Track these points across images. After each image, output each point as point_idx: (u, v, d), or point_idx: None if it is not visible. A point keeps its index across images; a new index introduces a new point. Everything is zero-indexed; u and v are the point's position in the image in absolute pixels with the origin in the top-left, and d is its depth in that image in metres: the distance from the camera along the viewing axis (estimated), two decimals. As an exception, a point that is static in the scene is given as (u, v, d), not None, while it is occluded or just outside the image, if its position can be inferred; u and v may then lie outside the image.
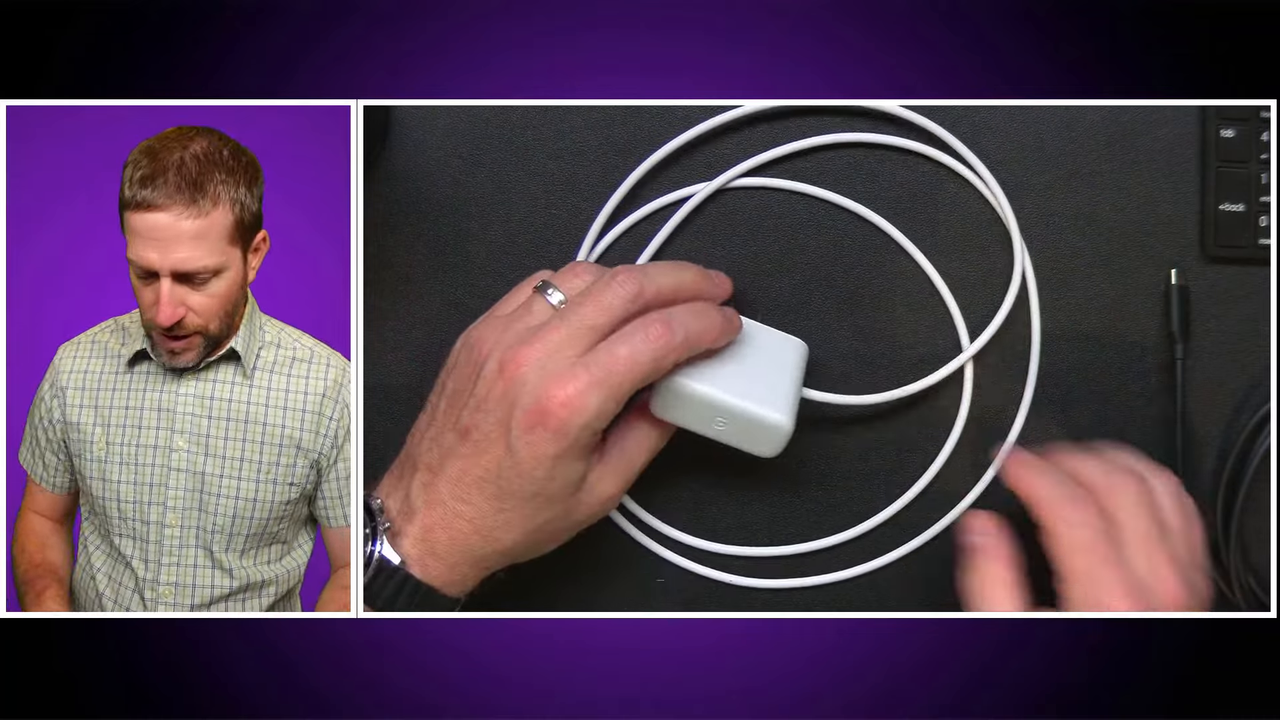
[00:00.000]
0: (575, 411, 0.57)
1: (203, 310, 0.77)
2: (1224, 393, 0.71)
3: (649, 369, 0.59)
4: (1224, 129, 0.71)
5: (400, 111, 0.72)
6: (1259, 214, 0.71)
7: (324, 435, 0.81)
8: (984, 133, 0.71)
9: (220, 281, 0.77)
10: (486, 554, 0.61)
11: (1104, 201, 0.71)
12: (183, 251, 0.74)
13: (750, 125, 0.71)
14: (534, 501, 0.60)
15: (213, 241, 0.75)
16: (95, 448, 0.82)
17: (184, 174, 0.74)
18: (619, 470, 0.64)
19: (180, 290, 0.76)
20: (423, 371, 0.73)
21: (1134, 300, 0.71)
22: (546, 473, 0.59)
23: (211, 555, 0.81)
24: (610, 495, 0.63)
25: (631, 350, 0.58)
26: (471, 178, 0.72)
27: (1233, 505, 0.70)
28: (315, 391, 0.81)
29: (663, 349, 0.59)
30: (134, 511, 0.81)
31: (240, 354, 0.80)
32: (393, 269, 0.73)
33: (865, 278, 0.72)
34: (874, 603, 0.72)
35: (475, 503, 0.60)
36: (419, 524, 0.60)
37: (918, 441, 0.71)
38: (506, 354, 0.59)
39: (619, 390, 0.58)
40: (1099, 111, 0.71)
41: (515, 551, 0.62)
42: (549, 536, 0.62)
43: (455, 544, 0.60)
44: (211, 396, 0.80)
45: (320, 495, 0.83)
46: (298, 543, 0.86)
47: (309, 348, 0.84)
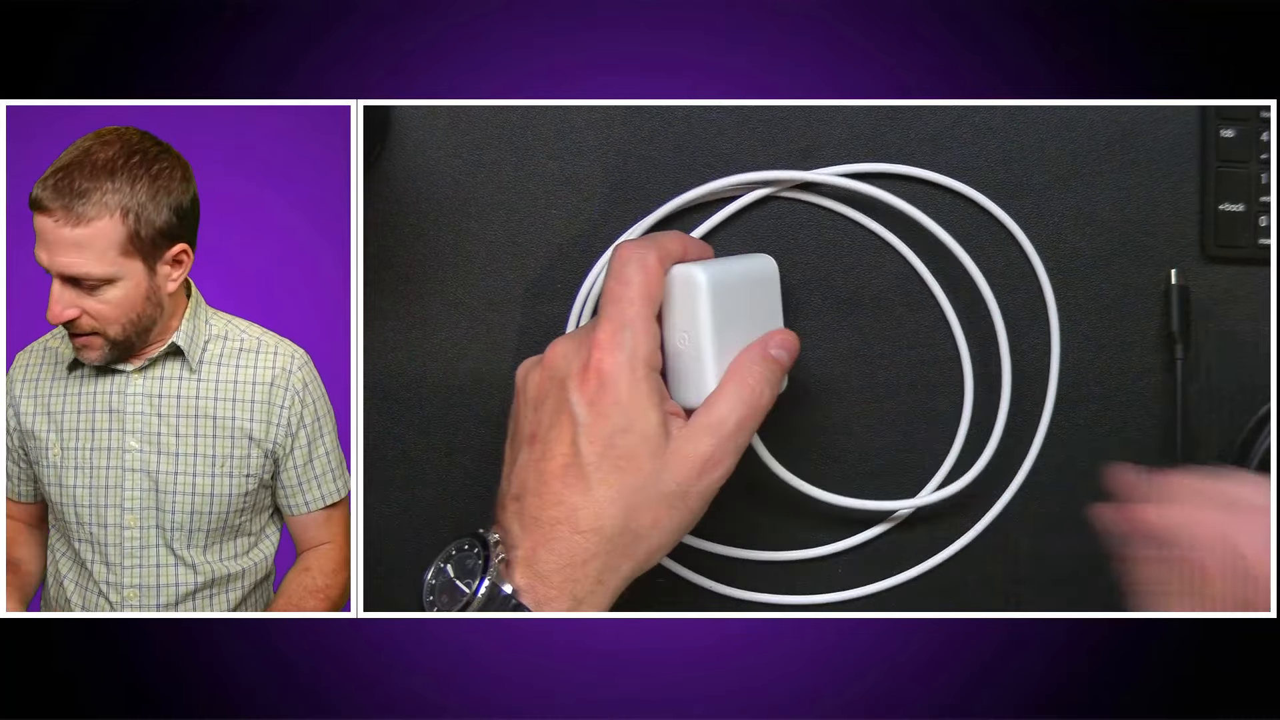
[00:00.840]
0: (614, 350, 0.58)
1: (98, 315, 0.76)
2: (1224, 393, 0.71)
3: (641, 279, 0.60)
4: (1224, 129, 0.71)
5: (400, 111, 0.72)
6: (1259, 214, 0.71)
7: (276, 425, 0.81)
8: (984, 133, 0.71)
9: (115, 290, 0.75)
10: (593, 554, 0.58)
11: (1104, 201, 0.71)
12: (65, 256, 0.74)
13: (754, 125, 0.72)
14: (615, 467, 0.58)
15: (98, 251, 0.74)
16: (50, 454, 0.81)
17: (70, 180, 0.73)
18: (708, 429, 0.60)
19: (70, 293, 0.75)
20: (423, 371, 0.73)
21: (1134, 300, 0.71)
22: (620, 423, 0.58)
23: (174, 553, 0.81)
24: (704, 456, 0.59)
25: (618, 280, 0.60)
26: (471, 178, 0.72)
27: (1233, 505, 0.70)
28: (263, 380, 0.81)
29: (640, 256, 0.60)
30: (91, 515, 0.80)
31: (184, 349, 0.80)
32: (393, 269, 0.73)
33: (865, 278, 0.72)
34: (874, 603, 0.72)
35: (563, 499, 0.58)
36: (522, 551, 0.59)
37: (922, 444, 0.72)
38: (543, 358, 0.62)
39: (637, 311, 0.59)
40: (1099, 111, 0.71)
41: (621, 542, 0.58)
42: (647, 513, 0.59)
43: (558, 556, 0.58)
44: (159, 394, 0.80)
45: (280, 484, 0.83)
46: (265, 534, 0.86)
47: (256, 337, 0.83)
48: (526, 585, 0.58)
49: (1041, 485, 0.72)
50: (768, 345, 0.63)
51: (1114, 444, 0.71)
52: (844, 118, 0.71)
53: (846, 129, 0.71)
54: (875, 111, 0.71)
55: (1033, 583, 0.72)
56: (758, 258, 0.66)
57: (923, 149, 0.71)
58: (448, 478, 0.73)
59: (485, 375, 0.72)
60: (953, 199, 0.71)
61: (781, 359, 0.63)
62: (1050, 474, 0.72)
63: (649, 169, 0.72)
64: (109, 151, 0.74)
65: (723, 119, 0.72)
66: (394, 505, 0.73)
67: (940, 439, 0.71)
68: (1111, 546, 0.59)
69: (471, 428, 0.72)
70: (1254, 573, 0.56)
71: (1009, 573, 0.72)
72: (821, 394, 0.71)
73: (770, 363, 0.62)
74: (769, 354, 0.62)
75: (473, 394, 0.72)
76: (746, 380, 0.61)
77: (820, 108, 0.71)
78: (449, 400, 0.73)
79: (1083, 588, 0.71)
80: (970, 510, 0.72)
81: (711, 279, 0.61)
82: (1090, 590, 0.71)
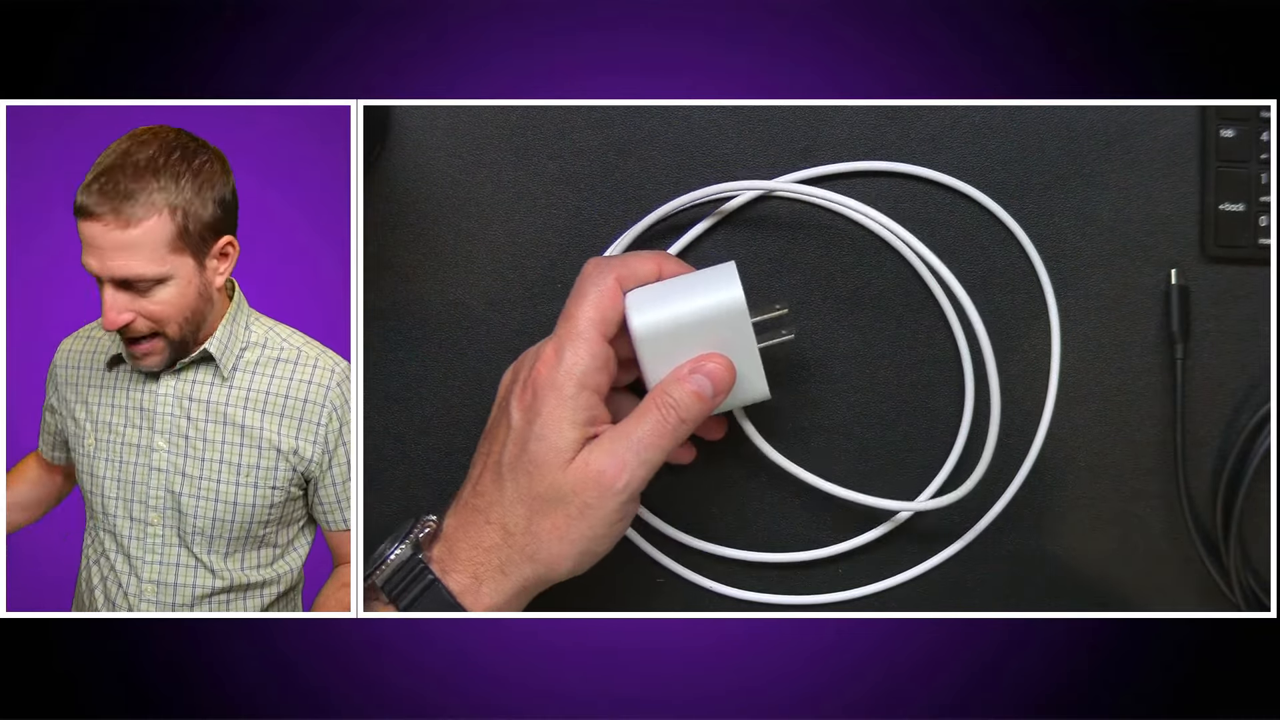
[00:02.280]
0: (551, 366, 0.62)
1: (154, 316, 0.76)
2: (1224, 393, 0.71)
3: (595, 296, 0.63)
4: (1224, 129, 0.71)
5: (400, 111, 0.72)
6: (1259, 214, 0.71)
7: (312, 442, 0.79)
8: (984, 133, 0.71)
9: (168, 289, 0.75)
10: (496, 544, 0.62)
11: (1104, 201, 0.71)
12: (117, 260, 0.73)
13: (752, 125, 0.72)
14: (525, 471, 0.61)
15: (150, 250, 0.73)
16: (85, 442, 0.82)
17: (114, 183, 0.72)
18: (612, 443, 0.61)
19: (124, 297, 0.75)
20: (423, 371, 0.73)
21: (1134, 300, 0.71)
22: (536, 432, 0.61)
23: (194, 555, 0.80)
24: (600, 468, 0.61)
25: (576, 299, 0.63)
26: (471, 178, 0.72)
27: (1233, 505, 0.70)
28: (297, 395, 0.79)
29: (599, 279, 0.63)
30: (117, 508, 0.81)
31: (215, 356, 0.79)
32: (393, 269, 0.73)
33: (865, 278, 0.72)
34: (875, 603, 0.72)
35: (486, 491, 0.63)
36: (446, 526, 0.64)
37: (923, 444, 0.72)
38: (517, 361, 0.66)
39: (583, 331, 0.62)
40: (1099, 111, 0.71)
41: (521, 540, 0.62)
42: (550, 521, 0.61)
43: (469, 539, 0.63)
44: (190, 397, 0.80)
45: (319, 500, 0.82)
46: (293, 546, 0.85)
47: (297, 348, 0.81)
48: (438, 557, 0.63)
49: (1042, 485, 0.72)
50: (695, 369, 0.63)
51: (1114, 444, 0.71)
52: (844, 118, 0.71)
53: (846, 129, 0.71)
54: (875, 111, 0.71)
55: (1033, 583, 0.72)
56: (719, 276, 0.64)
57: (923, 149, 0.71)
58: (448, 477, 0.73)
59: (485, 375, 0.72)
60: (953, 199, 0.71)
61: (702, 388, 0.63)
62: (1050, 474, 0.72)
63: (649, 169, 0.72)
64: (148, 151, 0.74)
65: (723, 119, 0.72)
66: (394, 505, 0.73)
67: (940, 439, 0.72)
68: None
69: (471, 428, 0.72)
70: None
71: (1009, 573, 0.72)
72: (822, 394, 0.71)
73: (686, 388, 0.62)
74: (688, 380, 0.63)
75: (473, 394, 0.72)
76: (660, 401, 0.62)
77: (820, 108, 0.71)
78: (449, 400, 0.73)
79: (1083, 588, 0.71)
80: (970, 510, 0.72)
81: (643, 320, 0.63)
82: (1090, 590, 0.71)
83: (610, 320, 0.63)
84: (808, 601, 0.72)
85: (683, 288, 0.64)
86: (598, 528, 0.61)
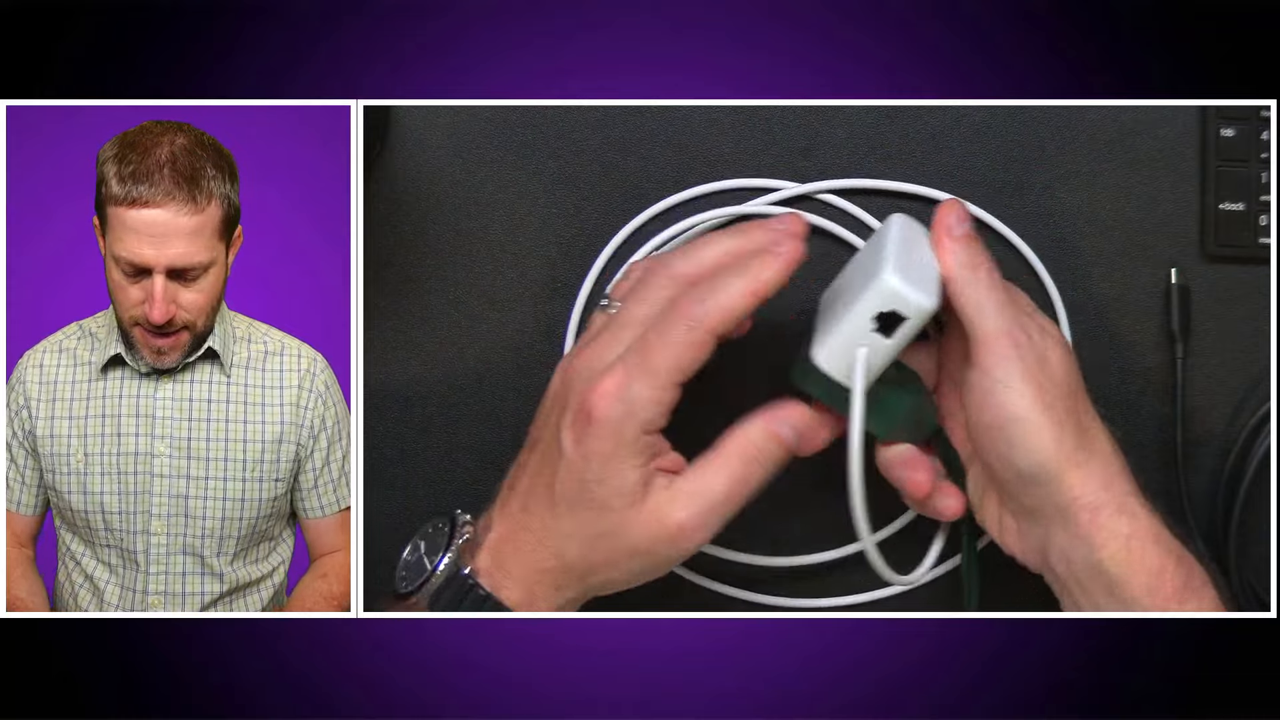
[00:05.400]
0: (613, 404, 0.56)
1: (191, 306, 0.76)
2: (1224, 393, 0.71)
3: (682, 348, 0.56)
4: (1224, 128, 0.71)
5: (400, 111, 0.72)
6: (1259, 213, 0.71)
7: (302, 426, 0.81)
8: (984, 133, 0.71)
9: (208, 278, 0.76)
10: (551, 568, 0.59)
11: (1104, 201, 0.71)
12: (179, 247, 0.74)
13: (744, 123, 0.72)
14: (586, 508, 0.57)
15: (206, 237, 0.75)
16: (73, 460, 0.79)
17: (179, 169, 0.73)
18: (691, 496, 0.58)
19: (172, 287, 0.75)
20: (423, 371, 0.73)
21: (1134, 300, 0.71)
22: (595, 474, 0.57)
23: (201, 560, 0.79)
24: (679, 523, 0.57)
25: (660, 333, 0.57)
26: (471, 178, 0.72)
27: (1233, 505, 0.70)
28: (290, 384, 0.81)
29: (693, 323, 0.56)
30: (119, 522, 0.79)
31: (218, 351, 0.79)
32: (393, 268, 0.73)
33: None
34: (874, 603, 0.72)
35: (538, 513, 0.59)
36: (493, 537, 0.60)
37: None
38: (566, 362, 0.61)
39: (657, 378, 0.56)
40: (1099, 111, 0.71)
41: (579, 570, 0.59)
42: (608, 557, 0.58)
43: (522, 556, 0.59)
44: (191, 398, 0.79)
45: (298, 487, 0.82)
46: (283, 538, 0.85)
47: (279, 340, 0.83)
48: (486, 570, 0.59)
49: (1041, 485, 0.71)
50: (774, 418, 0.59)
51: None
52: (844, 118, 0.71)
53: (846, 129, 0.71)
54: (875, 111, 0.71)
55: (1033, 583, 0.72)
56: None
57: (923, 149, 0.71)
58: (448, 478, 0.73)
59: (485, 375, 0.72)
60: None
61: (786, 437, 0.59)
62: (1050, 474, 0.71)
63: (649, 169, 0.72)
64: (185, 139, 0.74)
65: (723, 119, 0.72)
66: (394, 505, 0.73)
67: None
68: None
69: (471, 428, 0.72)
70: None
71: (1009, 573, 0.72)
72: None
73: (772, 439, 0.59)
74: (773, 429, 0.59)
75: (473, 394, 0.72)
76: (744, 453, 0.58)
77: (820, 108, 0.71)
78: (449, 400, 0.73)
79: (1083, 588, 0.71)
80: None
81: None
82: (1090, 590, 0.71)
83: (691, 371, 0.57)
84: (808, 604, 0.72)
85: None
86: (664, 569, 0.60)
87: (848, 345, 0.58)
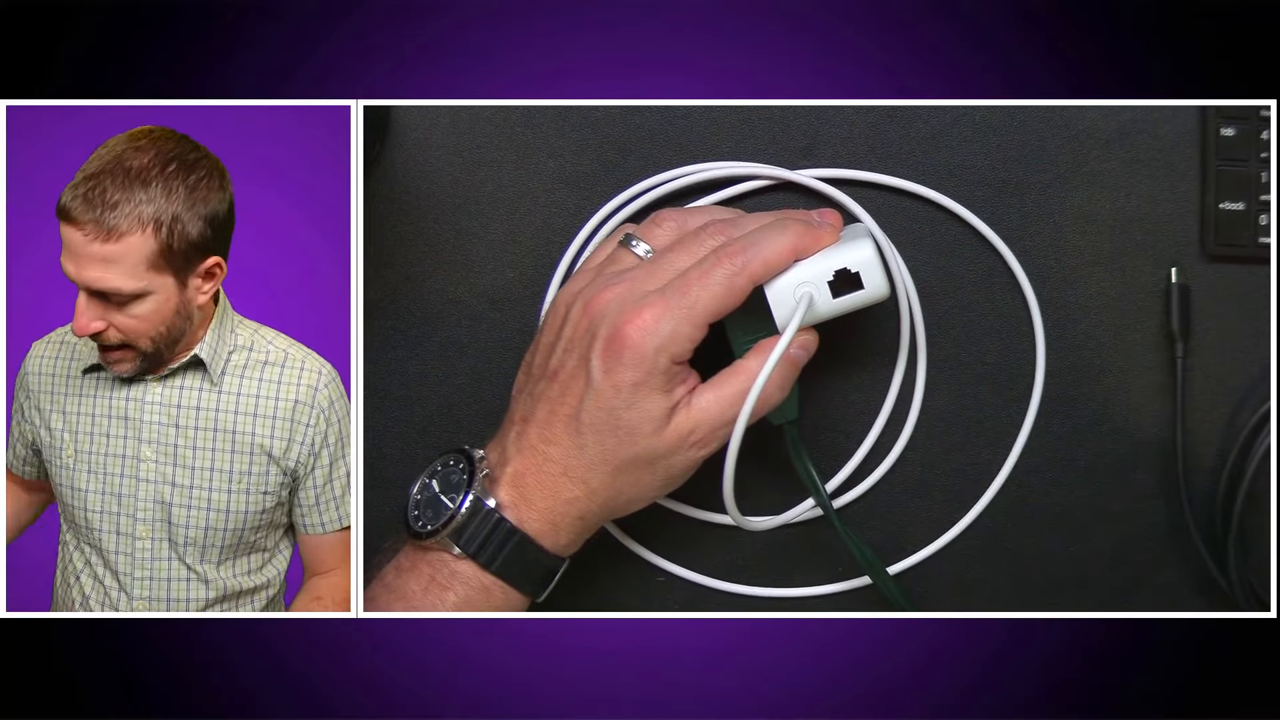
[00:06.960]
0: (648, 334, 0.59)
1: (126, 329, 0.73)
2: (1224, 392, 0.71)
3: (723, 290, 0.60)
4: (1224, 128, 0.71)
5: (400, 111, 0.72)
6: (1259, 213, 0.71)
7: (299, 443, 0.78)
8: (984, 133, 0.71)
9: (143, 305, 0.72)
10: (576, 497, 0.61)
11: (1104, 201, 0.71)
12: (92, 271, 0.70)
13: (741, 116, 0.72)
14: (614, 435, 0.60)
15: (128, 266, 0.70)
16: (64, 454, 0.79)
17: (100, 192, 0.69)
18: (707, 405, 0.61)
19: (98, 306, 0.72)
20: (423, 371, 0.73)
21: (1134, 299, 0.71)
22: (624, 401, 0.59)
23: (187, 566, 0.78)
24: (690, 430, 0.61)
25: (702, 272, 0.60)
26: (471, 177, 0.72)
27: (1233, 504, 0.70)
28: (287, 398, 0.78)
29: (736, 268, 0.60)
30: (102, 522, 0.78)
31: (205, 361, 0.77)
32: (392, 267, 0.73)
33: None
34: (874, 603, 0.72)
35: (561, 442, 0.61)
36: (511, 470, 0.62)
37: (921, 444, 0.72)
38: (589, 294, 0.62)
39: (693, 313, 0.59)
40: (1099, 111, 0.71)
41: (603, 496, 0.61)
42: (634, 483, 0.61)
43: (545, 488, 0.61)
44: (178, 404, 0.77)
45: (297, 502, 0.80)
46: (279, 550, 0.83)
47: (283, 350, 0.80)
48: (510, 502, 0.61)
49: (1042, 484, 0.72)
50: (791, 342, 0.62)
51: (1114, 444, 0.71)
52: (844, 118, 0.71)
53: (846, 129, 0.71)
54: (875, 111, 0.71)
55: (1032, 583, 0.72)
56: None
57: (923, 149, 0.71)
58: (448, 478, 0.73)
59: (485, 375, 0.72)
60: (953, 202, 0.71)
61: (799, 359, 0.63)
62: (1050, 473, 0.72)
63: (649, 169, 0.72)
64: (143, 158, 0.70)
65: (723, 119, 0.72)
66: (394, 505, 0.73)
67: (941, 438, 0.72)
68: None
69: (472, 427, 0.72)
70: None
71: (1009, 573, 0.72)
72: (822, 393, 0.71)
73: (786, 361, 0.62)
74: (789, 351, 0.62)
75: (473, 394, 0.72)
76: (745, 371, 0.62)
77: (820, 108, 0.71)
78: (449, 400, 0.73)
79: (1083, 588, 0.71)
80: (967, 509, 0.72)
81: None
82: (1090, 590, 0.71)
83: (724, 313, 0.61)
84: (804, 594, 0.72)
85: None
86: (677, 480, 0.62)
87: (795, 283, 0.62)
